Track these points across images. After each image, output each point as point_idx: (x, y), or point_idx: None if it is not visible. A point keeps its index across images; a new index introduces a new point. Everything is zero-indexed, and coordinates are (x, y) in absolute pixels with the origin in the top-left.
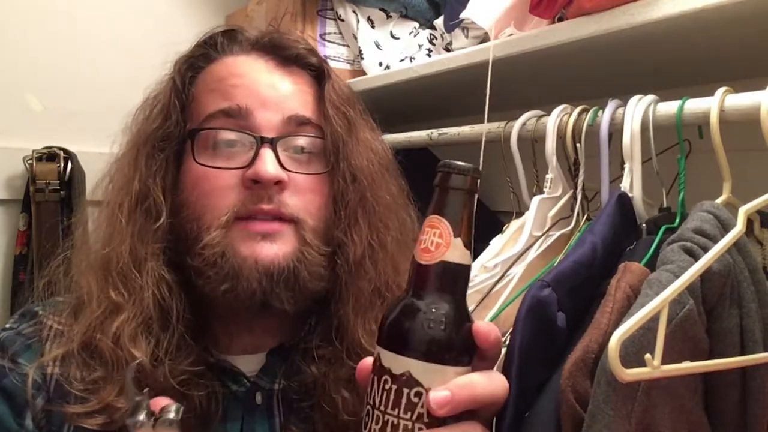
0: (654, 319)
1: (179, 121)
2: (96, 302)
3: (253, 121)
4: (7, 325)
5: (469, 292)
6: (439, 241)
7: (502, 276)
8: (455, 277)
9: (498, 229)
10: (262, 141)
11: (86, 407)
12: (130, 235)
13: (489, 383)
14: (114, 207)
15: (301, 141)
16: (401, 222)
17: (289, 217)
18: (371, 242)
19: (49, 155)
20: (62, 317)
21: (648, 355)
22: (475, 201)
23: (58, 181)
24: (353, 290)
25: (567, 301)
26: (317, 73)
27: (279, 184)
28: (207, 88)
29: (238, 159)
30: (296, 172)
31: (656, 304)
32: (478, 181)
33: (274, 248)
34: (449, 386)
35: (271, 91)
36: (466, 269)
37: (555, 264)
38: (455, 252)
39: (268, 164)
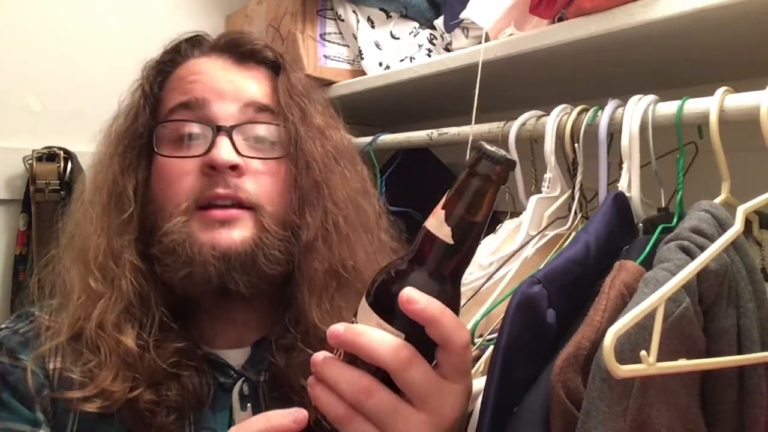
0: (650, 317)
1: (148, 120)
2: (77, 292)
3: (210, 111)
4: (3, 326)
5: (463, 289)
6: (433, 210)
7: (495, 273)
8: (424, 243)
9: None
10: (218, 129)
11: (84, 392)
12: (105, 229)
13: (373, 340)
14: (88, 204)
15: (259, 129)
16: (357, 206)
17: (248, 204)
18: (325, 225)
19: (49, 155)
20: (54, 315)
21: (643, 352)
22: (481, 184)
23: (58, 181)
24: (307, 271)
25: (558, 298)
26: (274, 66)
27: (235, 169)
28: (169, 87)
29: (197, 149)
30: (252, 157)
31: (653, 301)
32: (484, 164)
33: (232, 234)
34: (347, 325)
35: (227, 84)
36: (433, 238)
37: (548, 262)
38: (433, 221)
39: (223, 150)
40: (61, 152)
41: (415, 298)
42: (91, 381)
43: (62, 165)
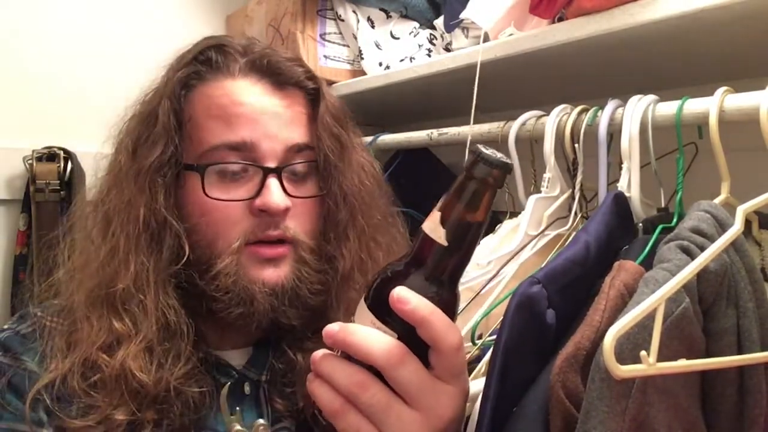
0: (650, 317)
1: (179, 142)
2: (96, 330)
3: (258, 152)
4: (5, 326)
5: (461, 288)
6: (431, 212)
7: (497, 273)
8: (420, 245)
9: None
10: (267, 171)
11: (86, 421)
12: (136, 264)
13: (365, 338)
14: (120, 237)
15: (301, 167)
16: (392, 237)
17: (290, 240)
18: (361, 256)
19: (49, 155)
20: (59, 319)
21: (643, 353)
22: (477, 188)
23: (58, 181)
24: (344, 300)
25: (558, 299)
26: (313, 95)
27: (285, 211)
28: (207, 113)
29: (245, 188)
30: (296, 197)
31: (652, 301)
32: (480, 167)
33: (278, 271)
34: (342, 325)
35: (273, 122)
36: (429, 241)
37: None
38: (429, 223)
39: (276, 195)
40: (61, 152)
41: (406, 298)
42: (93, 409)
43: (62, 165)
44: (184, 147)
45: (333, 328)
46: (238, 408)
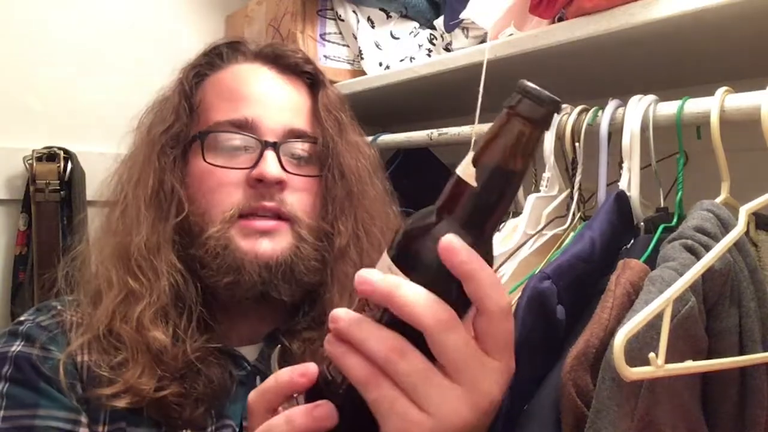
0: (657, 316)
1: (188, 122)
2: (116, 290)
3: (258, 130)
4: (22, 318)
5: None
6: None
7: (495, 271)
8: (450, 188)
9: None
10: (266, 144)
11: (114, 389)
12: (146, 226)
13: (413, 294)
14: (130, 200)
15: (299, 148)
16: (386, 215)
17: (287, 216)
18: (357, 232)
19: (49, 155)
20: (79, 310)
21: (652, 354)
22: (518, 127)
23: (58, 181)
24: (338, 275)
25: (565, 295)
26: (312, 81)
27: (280, 183)
28: (215, 94)
29: (243, 159)
30: (295, 174)
31: (662, 301)
32: (525, 104)
33: (272, 245)
34: (384, 275)
35: (276, 104)
36: (459, 182)
37: (552, 259)
38: (461, 166)
39: (271, 165)
40: (61, 152)
41: (457, 247)
42: (120, 377)
43: (62, 165)
44: (192, 125)
45: (371, 277)
46: None
